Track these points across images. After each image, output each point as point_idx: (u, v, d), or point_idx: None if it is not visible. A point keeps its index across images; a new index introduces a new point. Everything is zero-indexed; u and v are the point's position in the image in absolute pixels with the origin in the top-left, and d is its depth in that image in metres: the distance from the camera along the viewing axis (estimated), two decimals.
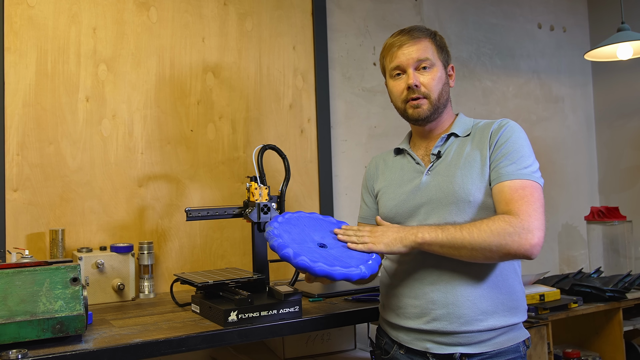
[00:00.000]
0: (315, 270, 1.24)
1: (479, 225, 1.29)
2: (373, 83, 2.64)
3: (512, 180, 1.34)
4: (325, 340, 2.01)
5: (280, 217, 1.44)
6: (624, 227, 2.85)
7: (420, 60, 1.48)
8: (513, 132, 1.42)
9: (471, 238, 1.27)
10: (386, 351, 1.51)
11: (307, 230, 1.40)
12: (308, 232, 1.39)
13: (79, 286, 1.36)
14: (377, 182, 1.62)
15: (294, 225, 1.40)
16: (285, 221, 1.41)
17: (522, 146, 1.40)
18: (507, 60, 3.06)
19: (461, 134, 1.49)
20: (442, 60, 1.52)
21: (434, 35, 1.53)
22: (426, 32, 1.52)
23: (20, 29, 1.95)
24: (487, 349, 1.36)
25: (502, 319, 1.37)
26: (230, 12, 2.31)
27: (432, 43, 1.51)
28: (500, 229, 1.27)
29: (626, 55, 2.52)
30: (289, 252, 1.27)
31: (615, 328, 2.32)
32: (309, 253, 1.28)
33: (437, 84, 1.49)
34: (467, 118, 1.56)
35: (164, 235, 2.13)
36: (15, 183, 1.92)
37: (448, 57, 1.55)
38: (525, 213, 1.28)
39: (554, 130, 3.21)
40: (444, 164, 1.46)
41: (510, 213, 1.30)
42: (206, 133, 2.23)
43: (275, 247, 1.29)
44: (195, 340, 1.42)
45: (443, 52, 1.53)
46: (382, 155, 1.68)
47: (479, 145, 1.44)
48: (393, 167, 1.59)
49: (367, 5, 2.66)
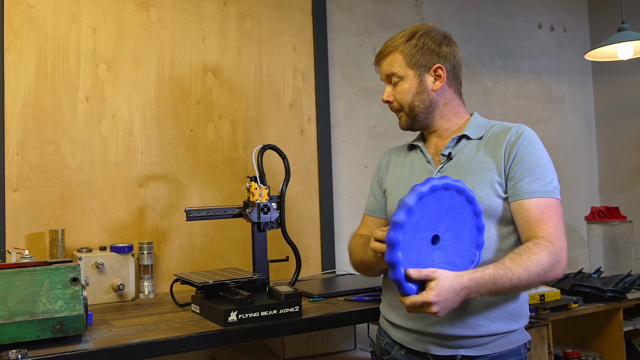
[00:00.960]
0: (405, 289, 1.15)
1: (527, 265, 1.23)
2: (373, 83, 2.64)
3: (537, 199, 1.32)
4: (326, 340, 2.01)
5: (415, 201, 1.15)
6: (624, 227, 2.84)
7: (389, 76, 1.51)
8: (532, 144, 1.38)
9: (519, 282, 1.23)
10: (387, 351, 1.50)
11: (435, 217, 1.19)
12: (432, 223, 1.20)
13: (78, 286, 1.36)
14: (387, 176, 1.61)
15: (423, 215, 1.17)
16: (418, 208, 1.16)
17: (543, 159, 1.37)
18: (507, 60, 3.06)
19: (473, 136, 1.46)
20: (416, 68, 1.47)
21: (409, 41, 1.47)
22: (399, 41, 1.48)
23: (20, 28, 1.94)
24: (488, 352, 1.36)
25: (504, 325, 1.36)
26: (230, 12, 2.30)
27: (401, 54, 1.47)
28: (547, 264, 1.25)
29: (626, 55, 2.52)
30: (401, 273, 1.14)
31: (616, 328, 2.31)
32: (415, 263, 1.16)
33: (404, 96, 1.49)
34: (481, 119, 1.52)
35: (163, 236, 2.13)
36: (15, 183, 1.91)
37: (431, 60, 1.46)
38: (557, 238, 1.29)
39: (554, 131, 3.20)
40: (454, 167, 1.44)
41: (544, 238, 1.28)
42: (206, 133, 2.23)
43: (390, 263, 1.14)
44: (195, 341, 1.42)
45: (419, 58, 1.46)
46: (396, 149, 1.66)
47: (492, 152, 1.41)
48: (404, 163, 1.58)
49: (367, 5, 2.65)
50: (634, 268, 2.84)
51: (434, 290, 1.13)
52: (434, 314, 1.15)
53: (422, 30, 1.50)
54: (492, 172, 1.39)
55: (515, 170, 1.36)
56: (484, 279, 1.19)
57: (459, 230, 1.21)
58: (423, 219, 1.15)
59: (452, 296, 1.15)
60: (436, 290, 1.12)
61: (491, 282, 1.19)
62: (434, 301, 1.12)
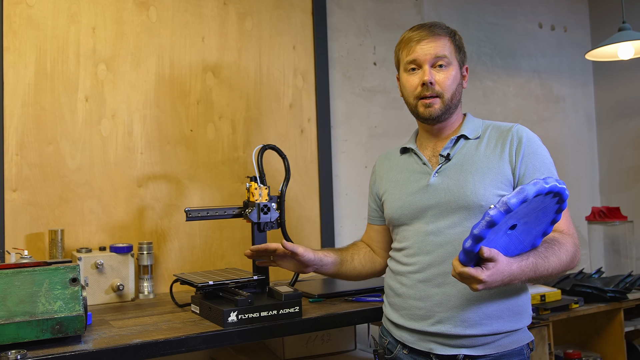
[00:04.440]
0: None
1: (559, 254, 1.30)
2: (373, 83, 2.64)
3: None
4: (326, 340, 2.00)
5: (532, 195, 1.12)
6: (625, 227, 2.84)
7: (438, 57, 1.46)
8: (534, 142, 1.43)
9: (553, 270, 1.29)
10: (389, 350, 1.50)
11: (528, 212, 1.19)
12: (523, 217, 1.20)
13: (78, 286, 1.36)
14: (382, 183, 1.61)
15: (525, 207, 1.16)
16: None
17: (545, 156, 1.43)
18: (507, 60, 3.06)
19: (471, 136, 1.47)
20: (459, 60, 1.51)
21: (454, 35, 1.52)
22: (446, 29, 1.51)
23: (20, 28, 1.94)
24: (491, 351, 1.36)
25: (507, 323, 1.37)
26: (230, 11, 2.30)
27: (451, 42, 1.49)
28: (572, 253, 1.33)
29: (627, 55, 2.52)
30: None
31: (617, 329, 2.31)
32: (489, 241, 1.18)
33: (451, 83, 1.47)
34: (475, 119, 1.55)
35: (163, 236, 2.13)
36: (15, 183, 1.91)
37: (464, 58, 1.53)
38: (573, 230, 1.39)
39: (554, 130, 3.20)
40: (454, 167, 1.44)
41: (564, 232, 1.37)
42: (206, 133, 2.22)
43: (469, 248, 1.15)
44: (195, 341, 1.42)
45: (460, 52, 1.52)
46: (387, 154, 1.66)
47: (494, 152, 1.43)
48: (398, 167, 1.57)
49: (367, 5, 2.65)
50: (634, 268, 2.84)
51: (489, 270, 1.16)
52: (474, 289, 1.18)
53: (451, 29, 1.54)
54: (497, 173, 1.39)
55: (525, 170, 1.39)
56: (528, 267, 1.23)
57: (532, 228, 1.24)
58: (522, 211, 1.16)
59: (500, 279, 1.18)
60: (491, 271, 1.16)
61: (533, 269, 1.24)
62: (485, 280, 1.16)
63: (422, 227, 1.44)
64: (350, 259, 1.66)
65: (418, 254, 1.43)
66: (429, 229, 1.42)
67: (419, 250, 1.43)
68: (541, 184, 1.13)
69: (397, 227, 1.52)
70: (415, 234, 1.45)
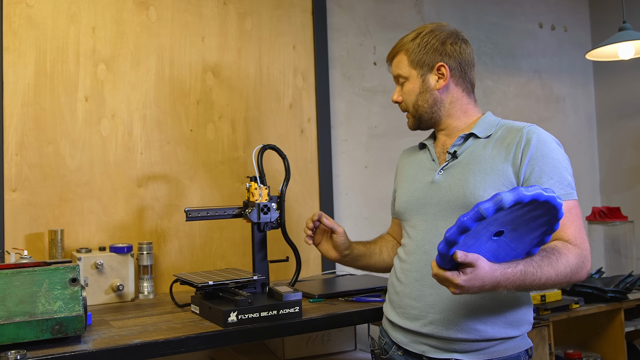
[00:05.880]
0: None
1: (556, 265, 1.23)
2: (373, 83, 2.64)
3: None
4: (326, 341, 2.00)
5: (510, 203, 1.06)
6: (625, 227, 2.84)
7: (397, 76, 1.54)
8: (545, 145, 1.35)
9: (547, 281, 1.23)
10: (385, 351, 1.50)
11: (513, 219, 1.14)
12: (509, 224, 1.15)
13: (78, 287, 1.35)
14: (398, 177, 1.65)
15: (508, 214, 1.12)
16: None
17: (558, 160, 1.34)
18: (508, 60, 3.06)
19: (481, 135, 1.43)
20: (419, 68, 1.48)
21: (413, 40, 1.49)
22: (405, 41, 1.51)
23: (19, 28, 1.94)
24: (485, 357, 1.33)
25: (502, 330, 1.33)
26: (230, 11, 2.30)
27: (406, 54, 1.50)
28: (574, 266, 1.26)
29: (628, 55, 2.51)
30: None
31: (617, 329, 2.31)
32: (468, 246, 1.15)
33: (408, 97, 1.52)
34: (493, 117, 1.49)
35: (163, 236, 2.12)
36: (14, 183, 1.91)
37: (434, 58, 1.47)
38: (581, 240, 1.31)
39: (555, 130, 3.18)
40: (459, 166, 1.42)
41: (569, 241, 1.30)
42: (206, 133, 2.22)
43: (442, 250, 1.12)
44: (195, 341, 1.42)
45: (422, 57, 1.47)
46: (410, 149, 1.69)
47: (500, 152, 1.37)
48: (413, 162, 1.59)
49: (367, 5, 2.65)
50: (635, 268, 2.84)
51: (467, 275, 1.13)
52: (451, 292, 1.16)
53: (427, 29, 1.51)
54: (499, 174, 1.35)
55: (531, 173, 1.33)
56: (515, 275, 1.18)
57: (523, 235, 1.19)
58: (504, 217, 1.11)
59: (479, 285, 1.15)
60: (468, 276, 1.13)
61: (520, 278, 1.19)
62: (460, 284, 1.13)
63: (422, 225, 1.44)
64: (379, 251, 1.72)
65: (416, 251, 1.43)
66: (428, 227, 1.42)
67: (416, 248, 1.43)
68: (520, 192, 1.06)
69: (403, 222, 1.54)
70: (416, 230, 1.46)
